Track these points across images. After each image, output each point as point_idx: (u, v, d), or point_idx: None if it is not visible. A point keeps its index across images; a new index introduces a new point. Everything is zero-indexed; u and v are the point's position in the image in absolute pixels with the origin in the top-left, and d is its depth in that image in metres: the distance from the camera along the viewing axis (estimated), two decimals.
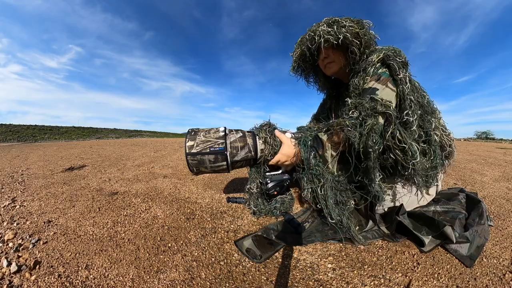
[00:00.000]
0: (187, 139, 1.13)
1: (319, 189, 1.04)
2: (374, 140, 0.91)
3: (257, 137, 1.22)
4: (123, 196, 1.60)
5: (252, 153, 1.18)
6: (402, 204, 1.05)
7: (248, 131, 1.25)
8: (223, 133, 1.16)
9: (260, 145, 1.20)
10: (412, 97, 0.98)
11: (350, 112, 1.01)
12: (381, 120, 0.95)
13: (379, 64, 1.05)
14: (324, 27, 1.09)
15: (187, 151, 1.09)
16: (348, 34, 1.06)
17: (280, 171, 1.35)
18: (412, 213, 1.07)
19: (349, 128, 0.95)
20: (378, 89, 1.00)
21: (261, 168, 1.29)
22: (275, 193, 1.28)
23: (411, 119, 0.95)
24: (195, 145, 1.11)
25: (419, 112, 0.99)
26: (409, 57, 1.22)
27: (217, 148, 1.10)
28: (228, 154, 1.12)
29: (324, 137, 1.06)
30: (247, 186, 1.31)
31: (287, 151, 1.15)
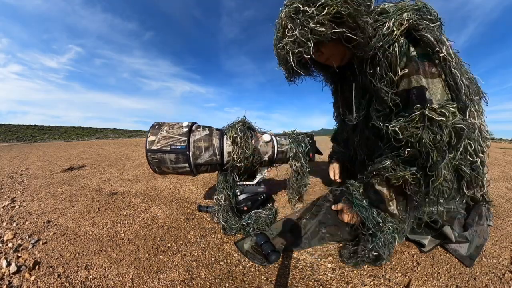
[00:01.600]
0: (149, 134, 0.99)
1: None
2: (448, 192, 0.69)
3: (225, 136, 1.05)
4: (123, 196, 1.59)
5: (217, 156, 1.01)
6: None
7: (217, 129, 1.09)
8: (187, 129, 1.00)
9: (227, 146, 1.03)
10: (464, 80, 0.66)
11: (405, 151, 0.70)
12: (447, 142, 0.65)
13: (403, 40, 0.70)
14: (288, 38, 0.75)
15: (147, 147, 0.96)
16: (323, 29, 0.70)
17: (255, 181, 1.16)
18: None
19: (411, 185, 0.72)
20: (426, 89, 0.68)
21: (230, 176, 1.09)
22: (245, 208, 1.10)
23: (476, 121, 0.68)
24: (156, 141, 0.96)
25: (477, 97, 0.69)
26: None
27: (178, 147, 0.96)
28: (190, 155, 0.98)
29: (384, 189, 0.80)
30: (215, 197, 1.11)
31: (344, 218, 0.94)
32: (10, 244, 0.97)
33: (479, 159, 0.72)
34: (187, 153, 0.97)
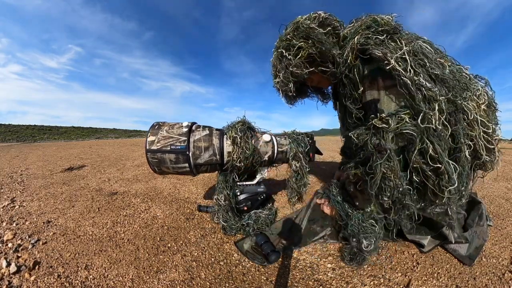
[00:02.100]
0: (148, 134, 0.99)
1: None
2: (388, 192, 0.73)
3: (225, 136, 1.05)
4: (123, 196, 1.59)
5: (217, 156, 1.02)
6: None
7: (217, 129, 1.09)
8: (187, 129, 1.00)
9: (227, 146, 1.03)
10: (421, 79, 0.67)
11: (361, 154, 0.81)
12: (394, 148, 0.73)
13: (358, 61, 0.80)
14: (278, 79, 0.99)
15: (147, 147, 0.96)
16: (299, 72, 0.92)
17: (255, 181, 1.17)
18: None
19: (363, 182, 0.81)
20: (378, 100, 0.77)
21: (229, 176, 1.09)
22: (245, 208, 1.11)
23: (433, 122, 0.67)
24: (156, 141, 0.96)
25: (442, 98, 0.67)
26: None
27: (178, 147, 0.96)
28: (190, 155, 0.98)
29: (350, 187, 0.93)
30: (215, 197, 1.11)
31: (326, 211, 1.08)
32: (10, 244, 0.97)
33: (442, 166, 0.68)
34: (187, 153, 0.97)
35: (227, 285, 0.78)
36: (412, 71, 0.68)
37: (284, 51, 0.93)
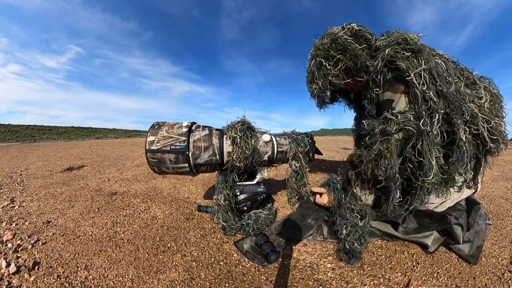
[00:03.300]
0: (148, 134, 0.98)
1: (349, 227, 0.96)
2: (384, 167, 0.87)
3: (225, 136, 1.05)
4: (122, 196, 1.59)
5: (217, 156, 1.02)
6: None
7: (216, 129, 1.09)
8: (187, 129, 1.00)
9: (227, 146, 1.03)
10: (431, 93, 0.84)
11: (366, 139, 0.95)
12: (397, 138, 0.88)
13: (385, 69, 0.95)
14: (316, 85, 1.08)
15: (147, 147, 0.96)
16: (337, 81, 1.02)
17: (254, 181, 1.17)
18: (419, 211, 1.05)
19: (363, 161, 0.92)
20: (393, 100, 0.91)
21: (229, 176, 1.09)
22: (245, 208, 1.11)
23: (428, 128, 0.84)
24: (155, 141, 0.96)
25: (441, 111, 0.84)
26: None
27: (178, 147, 0.96)
28: (190, 155, 0.98)
29: (352, 174, 1.03)
30: (215, 197, 1.11)
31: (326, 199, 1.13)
32: (9, 245, 0.97)
33: (425, 160, 0.84)
34: (187, 153, 0.97)
35: (227, 285, 0.78)
36: (425, 85, 0.84)
37: (323, 61, 1.01)
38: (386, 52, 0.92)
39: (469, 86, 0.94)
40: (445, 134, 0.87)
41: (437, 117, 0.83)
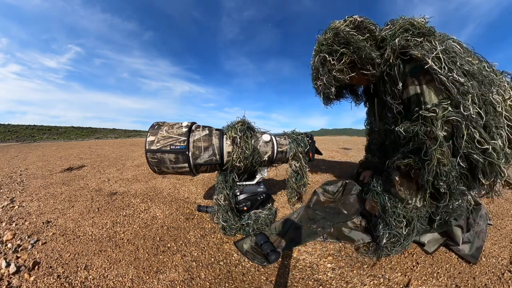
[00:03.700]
0: (148, 134, 0.98)
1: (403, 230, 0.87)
2: (445, 176, 0.76)
3: (225, 136, 1.05)
4: (122, 196, 1.59)
5: (217, 156, 1.02)
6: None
7: (216, 129, 1.09)
8: (187, 129, 1.00)
9: (227, 146, 1.03)
10: (454, 75, 0.75)
11: (410, 144, 0.86)
12: (445, 135, 0.79)
13: (399, 60, 0.88)
14: (320, 81, 1.06)
15: (147, 147, 0.96)
16: (341, 76, 1.00)
17: (254, 181, 1.17)
18: None
19: (415, 170, 0.84)
20: (422, 95, 0.83)
21: (229, 176, 1.09)
22: (245, 208, 1.11)
23: (468, 111, 0.73)
24: (155, 141, 0.96)
25: (473, 91, 0.74)
26: None
27: (178, 147, 0.96)
28: (190, 155, 0.98)
29: (396, 177, 0.93)
30: (215, 197, 1.12)
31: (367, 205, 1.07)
32: (9, 245, 0.96)
33: (490, 146, 0.73)
34: (187, 153, 0.97)
35: (227, 285, 0.78)
36: (446, 68, 0.76)
37: (327, 56, 0.99)
38: (396, 42, 0.86)
39: (493, 72, 0.84)
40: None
41: (470, 99, 0.74)
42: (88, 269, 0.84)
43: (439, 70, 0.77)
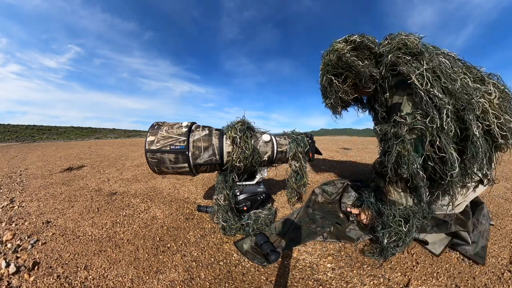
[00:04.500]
0: (148, 134, 0.98)
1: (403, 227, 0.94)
2: (405, 165, 0.90)
3: (224, 136, 1.05)
4: (122, 196, 1.59)
5: (217, 156, 1.02)
6: None
7: (216, 129, 1.09)
8: (187, 129, 1.00)
9: (227, 146, 1.03)
10: (435, 91, 0.87)
11: (385, 146, 1.00)
12: (409, 138, 0.92)
13: (389, 74, 1.00)
14: (328, 100, 1.19)
15: (146, 147, 0.95)
16: (346, 98, 1.12)
17: (254, 181, 1.17)
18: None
19: (385, 168, 0.96)
20: (401, 103, 0.96)
21: (229, 176, 1.09)
22: (245, 208, 1.11)
23: (438, 123, 0.86)
24: (155, 141, 0.96)
25: (449, 106, 0.86)
26: None
27: (178, 147, 0.96)
28: (190, 155, 0.98)
29: (381, 182, 1.05)
30: (214, 197, 1.12)
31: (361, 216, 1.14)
32: (9, 245, 0.96)
33: (447, 155, 0.86)
34: (187, 153, 0.97)
35: (226, 285, 0.78)
36: (429, 84, 0.88)
37: (333, 78, 1.11)
38: (389, 58, 0.97)
39: (477, 82, 0.95)
40: (458, 131, 0.89)
41: (445, 112, 0.85)
42: (88, 269, 0.84)
43: (419, 86, 0.88)
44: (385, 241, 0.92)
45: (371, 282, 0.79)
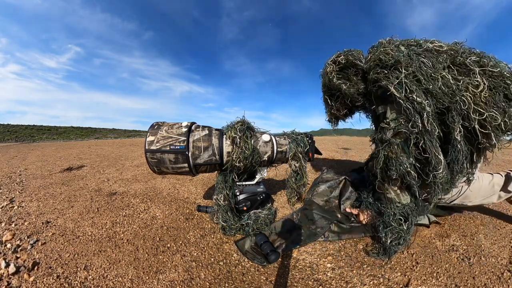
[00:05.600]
0: (148, 134, 0.98)
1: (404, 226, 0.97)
2: (394, 166, 0.96)
3: (224, 136, 1.05)
4: (122, 196, 1.59)
5: (217, 156, 1.02)
6: None
7: (216, 129, 1.09)
8: (186, 129, 1.00)
9: (226, 147, 1.03)
10: (414, 96, 0.89)
11: (375, 150, 1.10)
12: (395, 141, 0.97)
13: (374, 87, 1.07)
14: (328, 113, 1.42)
15: (146, 147, 0.95)
16: (340, 113, 1.36)
17: (254, 181, 1.17)
18: None
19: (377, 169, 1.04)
20: (385, 112, 1.03)
21: (229, 176, 1.09)
22: (245, 208, 1.11)
23: (420, 126, 0.89)
24: (155, 141, 0.96)
25: (429, 108, 0.87)
26: None
27: (178, 147, 0.96)
28: (190, 155, 0.98)
29: (377, 183, 1.10)
30: (214, 197, 1.12)
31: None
32: (9, 245, 0.96)
33: (430, 156, 0.89)
34: (186, 153, 0.97)
35: (226, 285, 0.78)
36: (408, 90, 0.91)
37: (328, 98, 1.33)
38: (371, 75, 1.07)
39: (462, 74, 0.92)
40: (441, 134, 0.92)
41: (425, 114, 0.88)
42: (88, 269, 0.84)
43: (398, 96, 0.93)
44: (389, 240, 0.93)
45: (371, 282, 0.79)
